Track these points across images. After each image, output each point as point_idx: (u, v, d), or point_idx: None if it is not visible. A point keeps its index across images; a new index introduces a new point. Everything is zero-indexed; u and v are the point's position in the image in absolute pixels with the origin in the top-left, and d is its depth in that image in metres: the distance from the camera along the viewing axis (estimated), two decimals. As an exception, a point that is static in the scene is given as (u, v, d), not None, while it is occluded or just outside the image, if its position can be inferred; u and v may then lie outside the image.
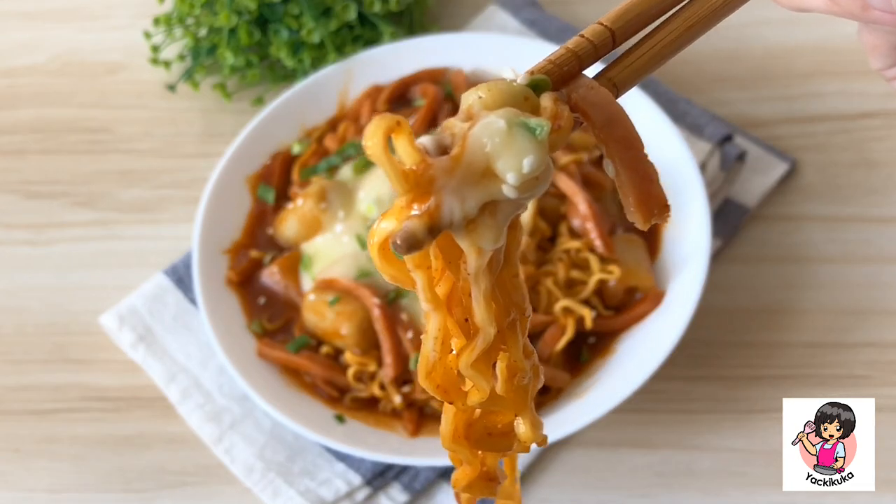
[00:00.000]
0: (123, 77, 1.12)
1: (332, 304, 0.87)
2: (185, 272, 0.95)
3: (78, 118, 1.10)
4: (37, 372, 0.93)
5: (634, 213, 0.46)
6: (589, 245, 0.88)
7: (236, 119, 1.05)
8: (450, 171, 0.41)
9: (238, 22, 1.03)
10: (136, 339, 0.92)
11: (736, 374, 0.89)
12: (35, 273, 0.99)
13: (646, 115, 0.94)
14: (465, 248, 0.42)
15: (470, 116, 0.43)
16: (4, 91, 1.12)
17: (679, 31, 0.50)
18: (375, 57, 1.02)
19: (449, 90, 1.00)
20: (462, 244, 0.42)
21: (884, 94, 1.04)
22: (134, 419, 0.90)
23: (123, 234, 1.01)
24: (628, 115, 0.47)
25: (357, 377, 0.86)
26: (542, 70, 0.46)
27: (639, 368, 0.82)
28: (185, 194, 1.02)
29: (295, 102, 1.00)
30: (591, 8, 1.13)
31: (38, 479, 0.88)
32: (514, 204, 0.42)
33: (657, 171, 0.48)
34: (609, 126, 0.47)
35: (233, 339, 0.88)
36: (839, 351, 0.89)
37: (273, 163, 0.98)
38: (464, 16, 1.13)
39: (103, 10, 1.18)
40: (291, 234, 0.93)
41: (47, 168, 1.06)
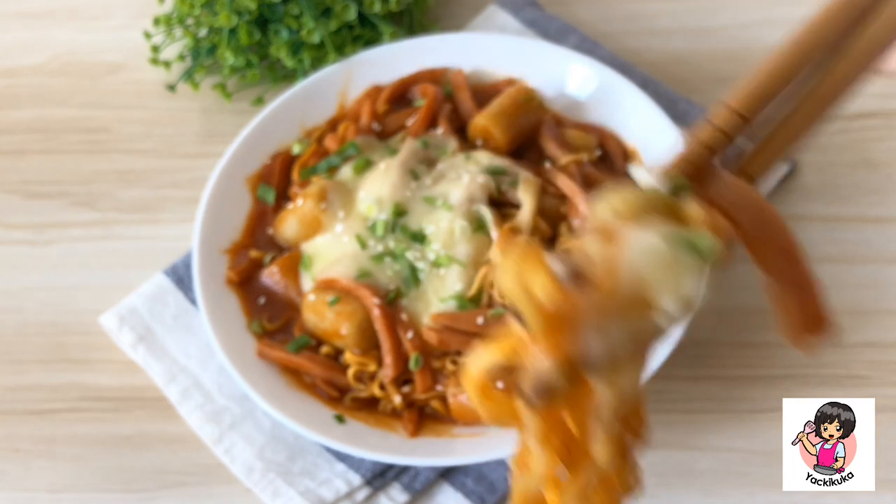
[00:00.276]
0: (123, 77, 1.13)
1: (332, 304, 0.87)
2: (185, 272, 0.95)
3: (78, 118, 1.10)
4: (36, 372, 0.93)
5: (791, 333, 0.39)
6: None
7: (236, 119, 1.06)
8: (600, 308, 0.34)
9: (238, 22, 1.04)
10: (135, 339, 0.92)
11: (736, 374, 0.89)
12: (34, 273, 0.99)
13: (646, 115, 0.94)
14: (601, 388, 0.34)
15: (606, 233, 0.35)
16: (4, 91, 1.13)
17: (812, 113, 0.44)
18: (375, 57, 1.02)
19: (449, 90, 1.01)
20: (598, 385, 0.34)
21: (883, 95, 1.04)
22: (134, 419, 0.90)
23: (123, 234, 1.01)
24: (781, 217, 0.39)
25: (357, 377, 0.87)
26: (678, 169, 0.38)
27: (639, 368, 0.82)
28: (185, 194, 1.03)
29: (295, 102, 1.00)
30: (592, 8, 1.13)
31: (38, 479, 0.88)
32: (659, 331, 0.35)
33: (820, 284, 0.40)
34: (763, 232, 0.39)
35: (233, 339, 0.88)
36: (839, 351, 0.89)
37: (273, 163, 0.98)
38: (464, 16, 1.13)
39: (103, 10, 1.18)
40: (291, 234, 0.94)
41: (47, 168, 1.06)
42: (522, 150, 0.97)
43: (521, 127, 0.96)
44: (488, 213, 0.89)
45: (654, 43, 1.10)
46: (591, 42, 1.07)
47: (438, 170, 0.93)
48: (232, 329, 0.88)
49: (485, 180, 0.90)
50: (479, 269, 0.87)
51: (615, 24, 1.12)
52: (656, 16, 1.13)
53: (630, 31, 1.11)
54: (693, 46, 1.10)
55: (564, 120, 0.99)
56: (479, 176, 0.90)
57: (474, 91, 1.00)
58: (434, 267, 0.88)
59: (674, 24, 1.12)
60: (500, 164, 0.92)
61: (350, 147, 0.95)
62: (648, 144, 0.94)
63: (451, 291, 0.86)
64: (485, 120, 0.95)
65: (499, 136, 0.95)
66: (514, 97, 0.97)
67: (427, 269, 0.88)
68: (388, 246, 0.89)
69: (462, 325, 0.84)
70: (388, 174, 0.91)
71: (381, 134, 0.98)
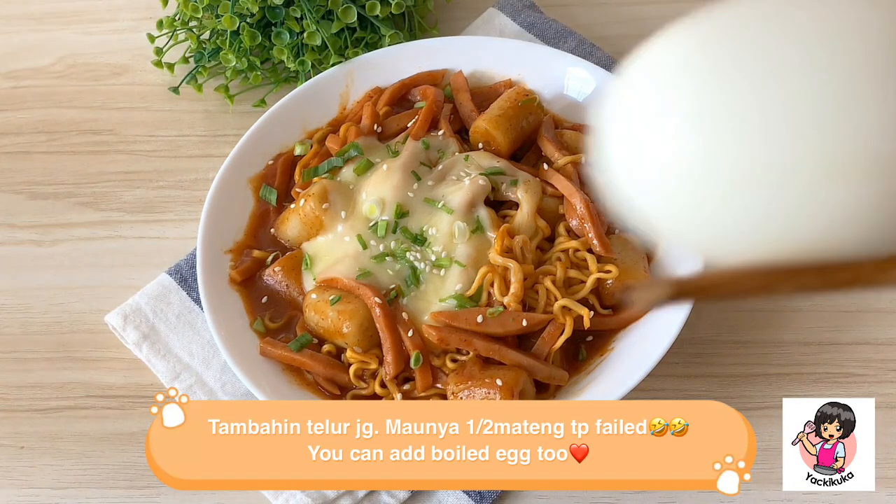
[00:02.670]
0: (128, 79, 1.14)
1: (334, 304, 0.87)
2: (188, 272, 0.96)
3: (83, 120, 1.11)
4: (42, 370, 0.94)
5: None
6: (587, 245, 0.89)
7: (239, 121, 1.07)
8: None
9: (240, 25, 1.04)
10: (140, 338, 0.93)
11: (732, 372, 0.90)
12: (40, 273, 1.00)
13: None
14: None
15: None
16: (10, 93, 1.14)
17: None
18: (376, 59, 1.03)
19: (449, 92, 1.01)
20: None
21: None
22: (138, 417, 0.91)
23: (128, 234, 1.02)
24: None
25: (358, 375, 0.87)
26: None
27: (636, 366, 0.83)
28: (188, 195, 1.04)
29: (297, 104, 1.01)
30: (590, 12, 1.14)
31: (43, 476, 0.89)
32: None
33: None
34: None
35: (236, 337, 0.88)
36: (834, 349, 0.90)
37: (275, 164, 0.99)
38: (463, 19, 1.14)
39: (108, 13, 1.19)
40: (293, 234, 0.94)
41: (52, 169, 1.07)
42: (521, 151, 0.98)
43: (521, 129, 0.97)
44: (486, 215, 0.90)
45: (653, 45, 1.11)
46: (589, 45, 1.07)
47: (439, 171, 0.93)
48: (235, 328, 0.89)
49: (485, 182, 0.91)
50: (478, 270, 0.87)
51: (612, 27, 1.12)
52: (653, 19, 1.12)
53: (627, 34, 1.12)
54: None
55: (562, 121, 1.00)
56: (480, 178, 0.91)
57: (474, 93, 1.01)
58: (434, 267, 0.88)
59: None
60: (500, 166, 0.93)
61: (351, 148, 0.96)
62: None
63: (451, 291, 0.87)
64: (486, 123, 0.96)
65: (500, 140, 0.95)
66: (513, 99, 0.98)
67: (427, 270, 0.88)
68: (389, 246, 0.90)
69: (462, 323, 0.85)
70: (390, 175, 0.92)
71: (382, 135, 0.99)
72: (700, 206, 0.34)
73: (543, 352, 0.85)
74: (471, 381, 0.83)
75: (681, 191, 0.34)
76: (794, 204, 0.31)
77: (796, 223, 0.31)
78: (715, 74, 0.33)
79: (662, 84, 0.35)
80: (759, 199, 0.31)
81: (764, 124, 0.30)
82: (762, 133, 0.30)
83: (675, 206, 0.35)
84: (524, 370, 0.84)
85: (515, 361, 0.84)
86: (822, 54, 0.31)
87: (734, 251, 0.34)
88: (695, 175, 0.33)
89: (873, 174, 0.30)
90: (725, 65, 0.33)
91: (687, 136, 0.34)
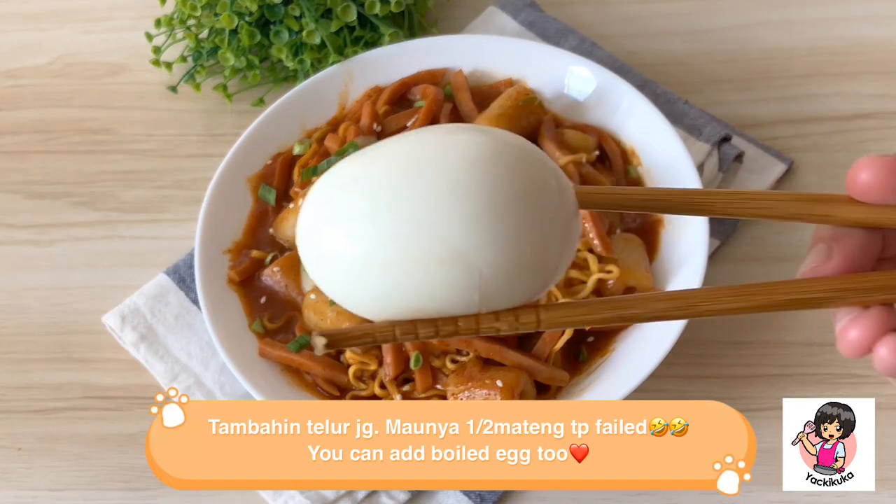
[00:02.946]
0: (125, 78, 1.13)
1: (333, 304, 0.87)
2: (186, 272, 0.96)
3: (80, 119, 1.10)
4: (39, 371, 0.94)
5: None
6: (588, 245, 0.89)
7: (237, 120, 1.06)
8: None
9: (239, 23, 1.04)
10: (138, 339, 0.93)
11: (733, 373, 0.90)
12: (37, 273, 1.00)
13: (644, 115, 0.95)
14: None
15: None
16: (7, 92, 1.13)
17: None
18: (376, 58, 1.03)
19: (449, 91, 1.01)
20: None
21: (879, 96, 1.05)
22: (136, 418, 0.91)
23: (125, 234, 1.02)
24: None
25: (358, 376, 0.87)
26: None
27: (637, 367, 0.83)
28: (186, 194, 1.03)
29: (296, 103, 1.00)
30: (591, 10, 1.14)
31: (40, 478, 0.88)
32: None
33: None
34: None
35: (234, 338, 0.88)
36: (837, 350, 0.90)
37: (274, 163, 0.99)
38: (463, 17, 1.14)
39: (105, 11, 1.19)
40: (292, 233, 0.94)
41: (50, 168, 1.07)
42: (522, 151, 0.97)
43: (522, 129, 0.97)
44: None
45: (653, 44, 1.11)
46: (590, 43, 1.07)
47: (438, 170, 0.93)
48: (233, 328, 0.89)
49: (484, 181, 0.91)
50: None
51: (614, 25, 1.12)
52: (655, 17, 1.14)
53: (629, 32, 1.12)
54: (691, 48, 1.11)
55: (563, 120, 0.99)
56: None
57: (474, 92, 1.01)
58: (434, 267, 0.88)
59: (672, 26, 1.13)
60: (500, 165, 0.92)
61: (351, 147, 0.96)
62: (646, 145, 0.95)
63: (451, 291, 0.87)
64: (486, 123, 0.96)
65: (499, 138, 0.95)
66: (513, 98, 0.97)
67: (427, 269, 0.88)
68: (388, 246, 0.90)
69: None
70: (388, 175, 0.92)
71: (382, 134, 0.99)
72: (354, 283, 0.50)
73: (544, 353, 0.85)
74: (471, 382, 0.83)
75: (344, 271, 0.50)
76: (407, 282, 0.49)
77: (412, 293, 0.49)
78: (357, 202, 0.49)
79: (336, 200, 0.50)
80: (388, 278, 0.49)
81: (390, 229, 0.48)
82: (388, 235, 0.48)
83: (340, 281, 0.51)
84: (525, 371, 0.84)
85: (516, 362, 0.84)
86: (418, 183, 0.48)
87: (380, 311, 0.51)
88: (352, 263, 0.50)
89: (446, 264, 0.48)
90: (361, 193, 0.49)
91: (348, 238, 0.50)
